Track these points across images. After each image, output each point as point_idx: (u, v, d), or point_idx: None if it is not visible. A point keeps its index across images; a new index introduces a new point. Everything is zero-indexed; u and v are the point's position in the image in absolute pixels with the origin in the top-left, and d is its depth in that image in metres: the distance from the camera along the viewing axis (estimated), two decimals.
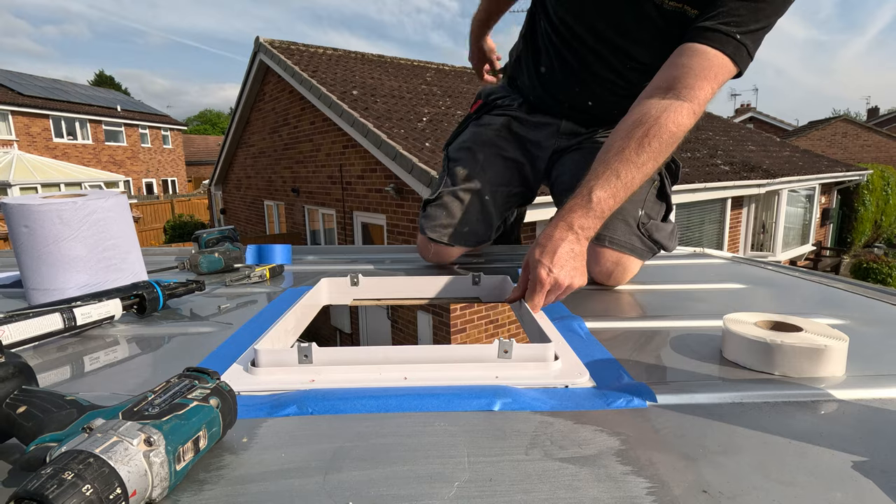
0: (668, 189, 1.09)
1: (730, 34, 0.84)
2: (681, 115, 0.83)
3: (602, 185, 0.82)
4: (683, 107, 0.83)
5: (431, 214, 1.14)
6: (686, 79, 0.84)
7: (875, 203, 13.05)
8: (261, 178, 9.25)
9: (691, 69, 0.84)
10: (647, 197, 1.05)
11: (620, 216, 1.00)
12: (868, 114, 26.93)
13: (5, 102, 17.54)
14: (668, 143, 0.83)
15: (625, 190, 0.83)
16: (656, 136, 0.82)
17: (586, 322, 0.76)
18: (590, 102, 1.13)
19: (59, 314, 0.68)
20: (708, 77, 0.84)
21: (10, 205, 0.81)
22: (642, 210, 1.03)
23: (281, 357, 0.57)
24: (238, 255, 1.12)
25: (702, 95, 0.84)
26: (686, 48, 0.86)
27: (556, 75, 1.14)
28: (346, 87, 6.46)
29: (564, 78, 1.13)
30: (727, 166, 8.21)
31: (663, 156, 0.84)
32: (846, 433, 0.46)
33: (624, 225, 1.00)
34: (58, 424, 0.39)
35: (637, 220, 1.02)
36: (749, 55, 0.86)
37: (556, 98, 1.17)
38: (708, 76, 0.84)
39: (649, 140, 0.82)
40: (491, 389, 0.53)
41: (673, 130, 0.83)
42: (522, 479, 0.39)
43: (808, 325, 0.62)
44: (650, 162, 0.83)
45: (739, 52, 0.85)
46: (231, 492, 0.38)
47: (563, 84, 1.14)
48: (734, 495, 0.37)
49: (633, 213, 1.02)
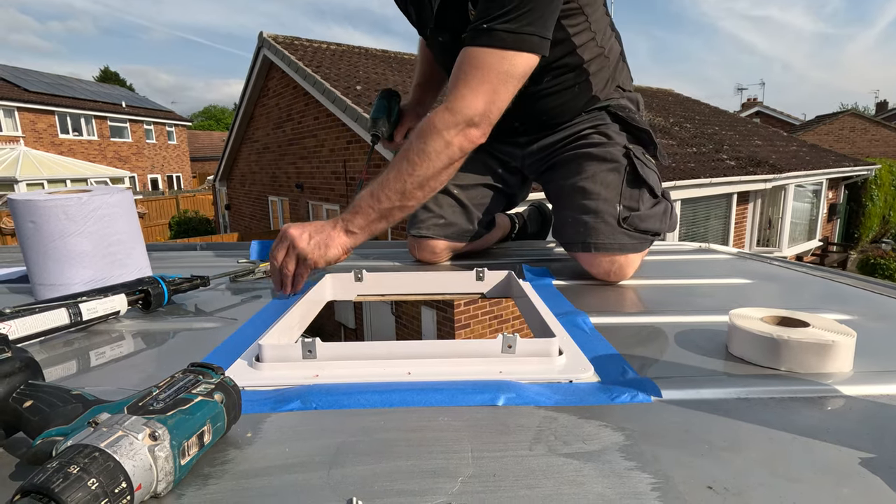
0: (642, 170, 1.03)
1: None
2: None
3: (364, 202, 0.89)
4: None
5: (413, 215, 1.19)
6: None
7: (883, 198, 12.94)
8: (265, 173, 9.27)
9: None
10: (621, 189, 1.01)
11: (599, 218, 0.99)
12: (877, 108, 26.65)
13: (11, 99, 17.64)
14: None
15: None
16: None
17: (591, 317, 0.76)
18: (516, 123, 1.14)
19: (64, 309, 0.68)
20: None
21: (16, 200, 0.82)
22: (620, 205, 1.01)
23: (285, 352, 0.57)
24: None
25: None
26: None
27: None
28: (349, 83, 6.45)
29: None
30: (733, 161, 8.16)
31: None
32: (853, 429, 0.46)
33: (605, 226, 0.99)
34: (64, 419, 0.39)
35: (617, 217, 1.00)
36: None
37: (505, 126, 1.20)
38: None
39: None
40: (495, 384, 0.53)
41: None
42: (526, 474, 0.39)
43: (815, 321, 0.61)
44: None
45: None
46: (235, 486, 0.38)
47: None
48: (740, 491, 0.37)
49: (612, 212, 1.00)
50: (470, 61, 0.86)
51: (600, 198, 1.01)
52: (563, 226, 1.06)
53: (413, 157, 0.87)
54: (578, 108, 1.11)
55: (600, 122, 1.11)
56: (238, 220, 11.33)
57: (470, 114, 0.86)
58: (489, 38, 0.85)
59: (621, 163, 1.04)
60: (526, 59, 0.87)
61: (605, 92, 1.11)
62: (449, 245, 1.18)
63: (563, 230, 1.07)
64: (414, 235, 1.17)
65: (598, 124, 1.11)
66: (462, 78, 0.87)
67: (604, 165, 1.04)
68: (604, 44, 1.06)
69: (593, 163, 1.05)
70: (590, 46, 1.03)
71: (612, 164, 1.04)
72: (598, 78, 1.08)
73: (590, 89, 1.08)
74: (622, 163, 1.04)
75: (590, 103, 1.11)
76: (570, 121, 1.12)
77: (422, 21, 1.11)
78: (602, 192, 1.02)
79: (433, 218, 1.16)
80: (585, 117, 1.12)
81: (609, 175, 1.03)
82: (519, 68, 0.87)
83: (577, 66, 1.04)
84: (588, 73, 1.06)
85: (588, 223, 1.00)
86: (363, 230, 0.89)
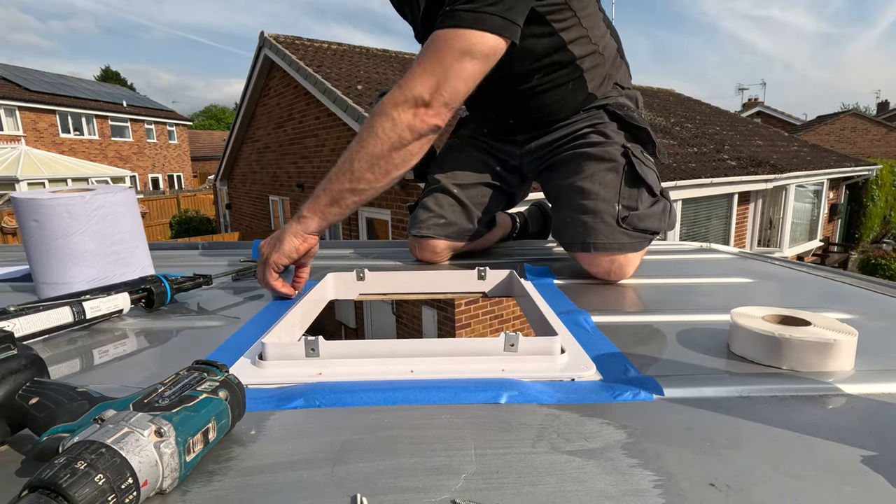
0: (640, 169, 1.03)
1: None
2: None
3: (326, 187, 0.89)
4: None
5: (413, 215, 1.21)
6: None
7: (884, 198, 12.92)
8: (266, 173, 9.27)
9: None
10: (620, 189, 1.02)
11: (598, 217, 1.00)
12: (878, 108, 26.62)
13: (13, 98, 17.66)
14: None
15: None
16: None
17: (592, 316, 0.76)
18: (511, 121, 1.16)
19: (68, 308, 0.68)
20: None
21: (19, 199, 0.82)
22: (619, 205, 1.01)
23: (288, 350, 0.58)
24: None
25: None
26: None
27: (478, 117, 1.19)
28: (350, 82, 6.45)
29: (488, 110, 1.17)
30: (734, 161, 8.15)
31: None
32: (855, 427, 0.46)
33: (604, 226, 0.99)
34: (70, 415, 0.40)
35: (616, 216, 1.00)
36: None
37: (500, 124, 1.21)
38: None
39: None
40: (497, 382, 0.53)
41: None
42: (529, 471, 0.39)
43: (817, 320, 0.61)
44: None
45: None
46: (240, 483, 0.38)
47: (493, 115, 1.19)
48: (742, 488, 0.37)
49: (610, 212, 1.00)
50: (429, 43, 0.86)
51: (599, 197, 1.01)
52: (563, 226, 1.07)
53: (363, 135, 0.86)
54: (575, 106, 1.11)
55: (598, 120, 1.11)
56: (239, 220, 11.34)
57: (419, 90, 0.83)
58: (449, 19, 0.84)
59: (619, 162, 1.04)
60: (486, 39, 0.83)
61: (602, 89, 1.11)
62: (450, 244, 1.18)
63: (562, 230, 1.07)
64: (414, 235, 1.17)
65: (596, 123, 1.11)
66: (419, 58, 0.86)
67: (602, 165, 1.04)
68: (598, 41, 1.06)
69: (591, 162, 1.06)
70: (582, 43, 1.03)
71: (611, 164, 1.04)
72: (594, 75, 1.08)
73: (585, 87, 1.08)
74: (620, 162, 1.04)
75: (587, 101, 1.11)
76: (566, 119, 1.12)
77: (414, 22, 1.12)
78: (601, 192, 1.02)
79: (433, 217, 1.17)
80: (583, 116, 1.12)
81: (607, 175, 1.03)
82: (478, 47, 0.83)
83: (569, 63, 1.04)
84: (582, 70, 1.05)
85: (587, 223, 1.00)
86: (314, 213, 0.87)
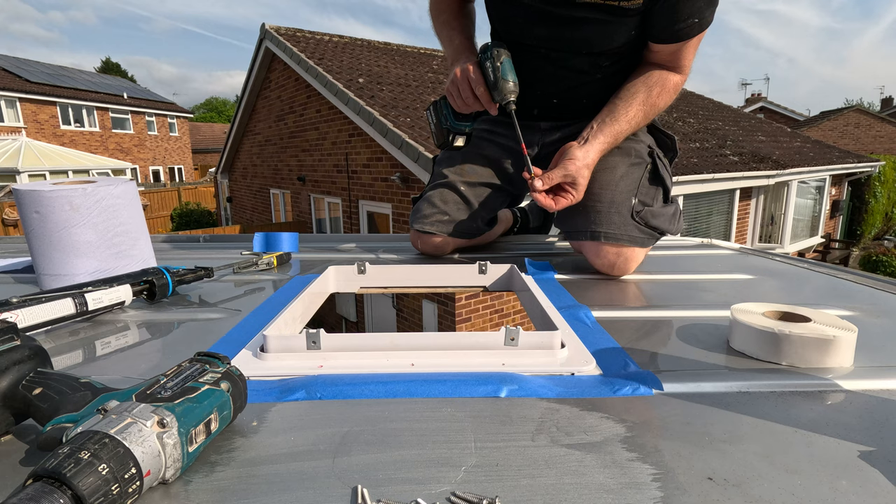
0: (662, 171, 1.08)
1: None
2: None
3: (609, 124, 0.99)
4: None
5: (417, 208, 1.21)
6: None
7: (886, 195, 12.90)
8: (267, 166, 9.26)
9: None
10: (639, 184, 1.04)
11: (614, 208, 1.00)
12: (882, 104, 26.48)
13: (13, 89, 17.60)
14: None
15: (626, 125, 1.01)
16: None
17: (593, 311, 0.76)
18: (555, 100, 1.16)
19: (71, 299, 0.69)
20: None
21: (21, 191, 0.82)
22: (635, 198, 1.03)
23: (290, 343, 0.58)
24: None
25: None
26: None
27: (522, 87, 1.18)
28: (352, 75, 6.43)
29: (530, 86, 1.16)
30: (736, 157, 8.12)
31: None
32: (853, 423, 0.46)
33: (618, 217, 1.00)
34: (73, 406, 0.40)
35: (631, 209, 1.01)
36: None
37: (527, 105, 1.19)
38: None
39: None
40: (497, 376, 0.53)
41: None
42: (528, 464, 0.40)
43: (817, 316, 0.62)
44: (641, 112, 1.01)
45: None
46: (242, 473, 0.38)
47: (530, 93, 1.17)
48: (739, 482, 0.37)
49: (627, 204, 1.01)
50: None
51: (617, 189, 1.02)
52: (572, 214, 1.06)
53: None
54: None
55: None
56: (240, 213, 11.34)
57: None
58: (698, 28, 0.95)
59: (645, 160, 1.07)
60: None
61: None
62: (451, 241, 1.18)
63: (571, 218, 1.07)
64: (417, 230, 1.18)
65: None
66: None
67: (627, 159, 1.06)
68: None
69: (617, 155, 1.06)
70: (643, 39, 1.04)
71: (637, 160, 1.06)
72: None
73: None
74: (646, 160, 1.07)
75: None
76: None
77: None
78: (620, 184, 1.03)
79: (437, 214, 1.17)
80: None
81: (631, 168, 1.05)
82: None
83: (632, 54, 1.04)
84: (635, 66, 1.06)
85: (601, 211, 1.01)
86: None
